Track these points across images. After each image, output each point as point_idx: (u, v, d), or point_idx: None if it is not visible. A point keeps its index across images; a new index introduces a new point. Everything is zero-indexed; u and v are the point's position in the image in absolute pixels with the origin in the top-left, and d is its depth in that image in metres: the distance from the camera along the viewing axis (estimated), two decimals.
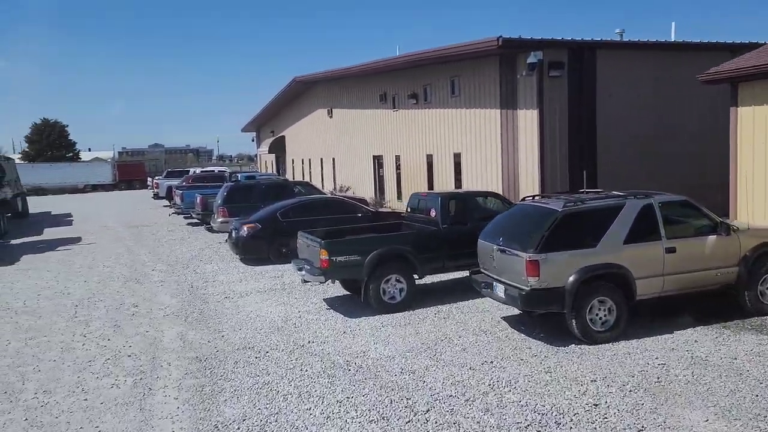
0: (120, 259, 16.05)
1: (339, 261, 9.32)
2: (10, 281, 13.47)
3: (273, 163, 50.12)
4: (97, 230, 22.86)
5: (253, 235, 14.46)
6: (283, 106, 43.83)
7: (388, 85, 25.20)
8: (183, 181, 31.73)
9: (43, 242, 20.05)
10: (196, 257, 15.96)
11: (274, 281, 12.55)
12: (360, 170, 29.31)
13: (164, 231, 21.89)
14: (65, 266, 15.09)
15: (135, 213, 29.95)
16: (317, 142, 36.42)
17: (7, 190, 24.22)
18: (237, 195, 18.23)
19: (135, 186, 60.61)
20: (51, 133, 79.77)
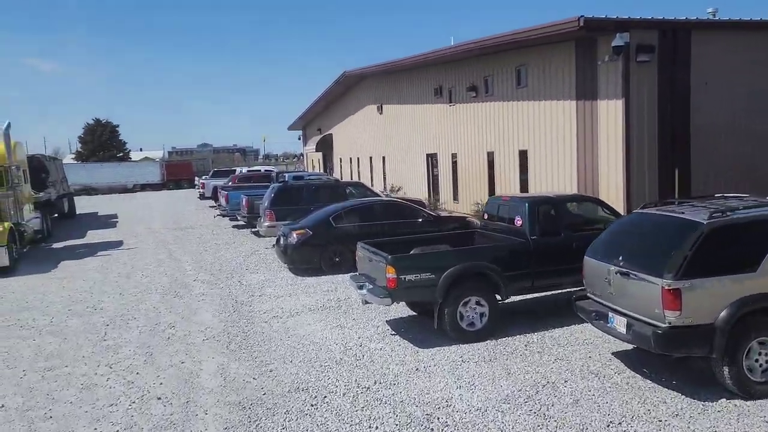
0: (161, 266, 14.88)
1: (409, 280, 7.74)
2: (42, 292, 12.39)
3: (320, 161, 49.00)
4: (140, 233, 21.93)
5: (303, 243, 13.03)
6: (330, 103, 42.60)
7: (444, 78, 23.52)
8: (229, 181, 30.78)
9: (85, 246, 19.16)
10: (242, 265, 14.65)
11: (327, 296, 11.07)
12: (412, 169, 27.71)
13: (209, 234, 20.77)
14: (102, 275, 13.99)
15: (180, 214, 29.11)
16: (366, 139, 35.00)
17: (51, 190, 23.58)
18: (285, 197, 16.89)
19: (183, 185, 60.54)
20: (102, 133, 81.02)
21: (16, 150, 17.54)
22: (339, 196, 17.14)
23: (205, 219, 26.01)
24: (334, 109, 42.68)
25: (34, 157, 23.17)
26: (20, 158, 18.21)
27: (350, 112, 38.17)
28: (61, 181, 28.14)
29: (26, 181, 18.67)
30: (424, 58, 23.22)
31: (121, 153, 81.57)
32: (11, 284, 13.32)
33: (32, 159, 22.49)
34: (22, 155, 18.80)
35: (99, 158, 74.05)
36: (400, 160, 29.29)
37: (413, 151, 27.40)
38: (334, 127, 43.23)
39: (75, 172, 56.61)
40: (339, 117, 41.41)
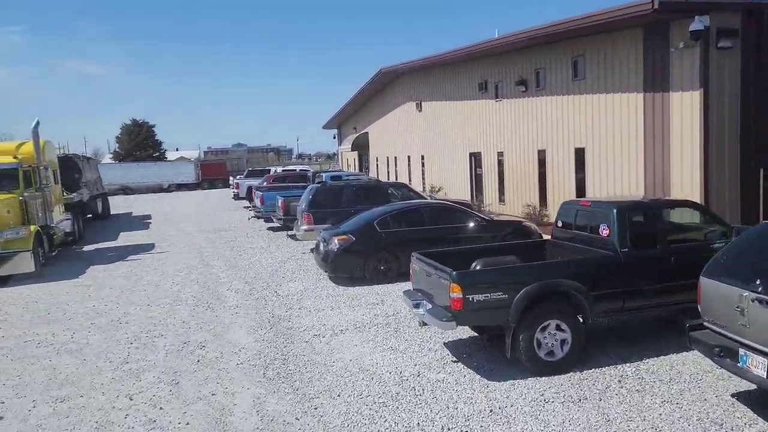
0: (193, 272, 13.94)
1: (477, 300, 6.51)
2: (66, 301, 11.54)
3: (355, 161, 48.02)
4: (173, 235, 21.15)
5: (345, 249, 11.91)
6: (367, 101, 41.56)
7: (489, 72, 22.18)
8: (263, 181, 29.94)
9: (115, 249, 18.42)
10: (278, 272, 13.62)
11: (373, 311, 9.92)
12: (453, 169, 26.43)
13: (243, 237, 19.86)
14: (130, 282, 13.10)
15: (214, 215, 28.37)
16: (404, 138, 33.82)
17: (84, 191, 22.99)
18: (324, 199, 15.80)
19: (217, 185, 60.28)
20: (139, 133, 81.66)
21: (46, 149, 16.87)
22: (381, 197, 15.99)
23: (239, 220, 25.17)
24: (370, 107, 41.62)
25: (66, 157, 22.63)
26: (50, 158, 17.55)
27: (387, 110, 37.04)
28: (95, 182, 27.67)
29: (57, 181, 18.02)
30: (468, 51, 21.92)
31: (157, 153, 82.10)
32: (35, 292, 12.52)
33: (65, 158, 21.93)
34: (53, 155, 18.16)
35: (135, 158, 74.55)
36: (441, 159, 28.03)
37: (455, 150, 26.12)
38: (370, 126, 42.17)
39: (112, 171, 56.89)
40: (375, 115, 40.33)
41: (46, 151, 16.91)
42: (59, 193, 18.36)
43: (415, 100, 31.01)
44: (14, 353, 8.46)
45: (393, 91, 35.25)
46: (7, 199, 14.49)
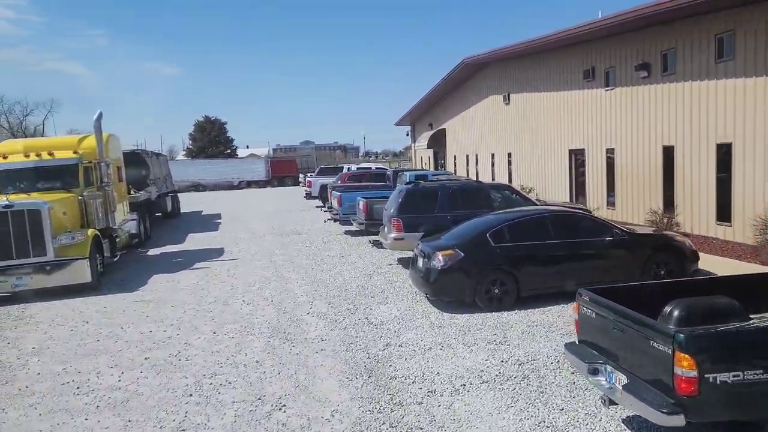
0: (266, 288, 11.98)
1: (724, 383, 4.06)
2: (120, 323, 9.75)
3: (430, 159, 45.64)
4: (243, 239, 19.43)
5: (451, 267, 9.59)
6: (445, 96, 39.12)
7: (598, 57, 19.34)
8: (338, 179, 28.05)
9: (182, 254, 16.79)
10: (365, 290, 11.47)
11: (498, 353, 7.56)
12: (547, 168, 23.66)
13: (319, 242, 17.88)
14: (195, 299, 11.24)
15: (286, 216, 26.65)
16: (487, 134, 31.19)
17: (152, 189, 21.66)
18: (416, 202, 13.53)
19: (287, 183, 59.35)
20: (211, 130, 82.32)
21: (110, 144, 15.37)
22: (482, 202, 13.59)
23: (312, 222, 23.30)
24: (448, 102, 39.15)
25: (133, 153, 21.35)
26: (115, 153, 16.08)
27: (468, 105, 34.47)
28: (165, 179, 26.49)
29: (121, 179, 16.55)
30: (573, 34, 19.14)
31: (228, 150, 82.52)
32: (89, 308, 10.84)
33: (131, 154, 20.62)
34: (118, 150, 16.70)
35: (207, 155, 74.93)
36: (531, 157, 25.28)
37: (550, 147, 23.34)
38: (448, 122, 39.70)
39: (184, 168, 56.88)
40: (454, 110, 37.83)
41: (110, 146, 15.42)
42: (124, 192, 16.90)
43: (502, 93, 28.34)
44: (45, 404, 6.59)
45: (475, 84, 32.67)
46: (65, 199, 12.98)
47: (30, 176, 13.54)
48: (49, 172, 13.64)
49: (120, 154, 17.03)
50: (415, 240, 13.17)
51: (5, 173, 13.47)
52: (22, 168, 13.44)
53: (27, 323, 10.01)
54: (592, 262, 9.98)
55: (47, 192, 13.24)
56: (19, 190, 13.34)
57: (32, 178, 13.53)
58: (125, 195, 17.04)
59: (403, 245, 13.45)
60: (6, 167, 13.45)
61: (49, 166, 13.58)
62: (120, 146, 17.22)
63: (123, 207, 16.36)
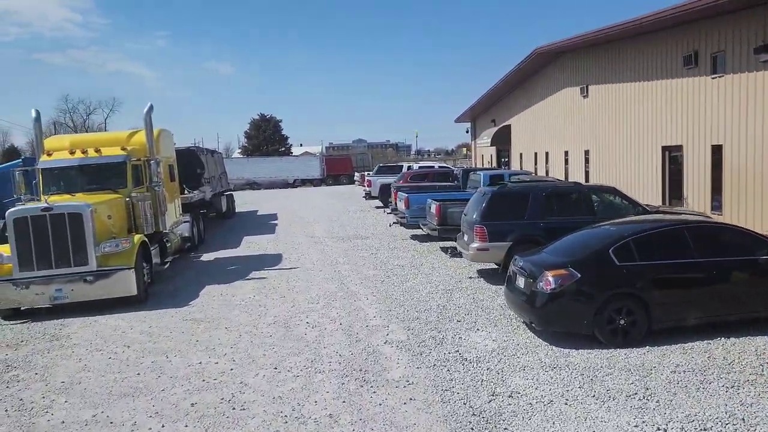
0: (331, 306, 10.35)
1: None
2: (165, 349, 8.29)
3: (492, 156, 43.41)
4: (302, 243, 17.94)
5: (565, 291, 7.71)
6: (511, 90, 36.88)
7: (702, 40, 16.93)
8: (399, 179, 26.34)
9: (237, 261, 15.41)
10: (447, 310, 9.71)
11: (648, 414, 5.67)
12: (633, 166, 21.27)
13: (385, 249, 16.20)
14: (252, 318, 9.71)
15: (345, 217, 25.13)
16: (560, 130, 28.87)
17: (207, 188, 20.45)
18: (504, 207, 11.66)
19: (342, 181, 58.17)
20: (267, 128, 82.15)
21: (161, 140, 14.09)
22: (582, 207, 11.63)
23: (375, 225, 21.67)
24: (514, 97, 36.90)
25: (188, 150, 20.17)
26: (167, 150, 14.80)
27: (538, 99, 32.18)
28: (220, 177, 25.37)
29: (173, 178, 15.27)
30: (671, 15, 16.78)
31: (283, 148, 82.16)
32: (132, 329, 9.45)
33: (185, 152, 19.44)
34: (169, 146, 15.42)
35: (263, 153, 74.61)
36: (614, 154, 22.91)
37: (638, 144, 20.96)
38: (513, 118, 37.44)
39: (239, 166, 56.42)
40: (521, 105, 35.57)
41: (162, 142, 14.13)
42: (176, 192, 15.63)
43: (579, 85, 26.00)
44: None
45: (547, 77, 30.37)
46: (110, 201, 11.70)
47: (75, 175, 12.34)
48: (95, 170, 12.40)
49: (172, 150, 15.77)
50: (501, 251, 11.38)
51: (49, 172, 12.31)
52: (66, 166, 12.24)
53: (62, 346, 8.68)
54: (745, 286, 7.93)
55: (93, 193, 12.00)
56: (63, 191, 12.17)
57: (77, 177, 12.32)
58: (178, 195, 15.78)
59: (488, 257, 11.64)
60: (49, 165, 12.28)
61: (95, 164, 12.33)
62: (173, 142, 15.97)
63: (175, 208, 15.08)
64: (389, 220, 21.33)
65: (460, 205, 14.76)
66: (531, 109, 33.57)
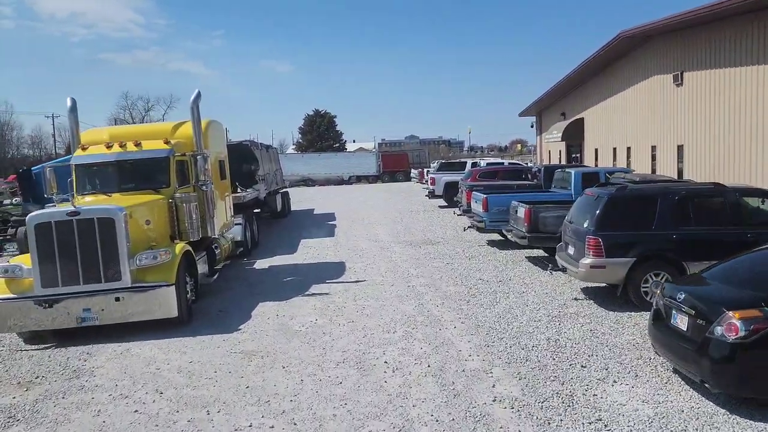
0: (413, 337, 8.30)
1: None
2: (209, 399, 6.40)
3: (561, 153, 40.52)
4: (366, 249, 15.97)
5: (760, 342, 5.43)
6: (584, 81, 34.04)
7: None
8: (467, 176, 24.07)
9: (294, 270, 13.57)
10: (562, 348, 7.54)
11: None
12: (746, 163, 18.40)
13: (462, 258, 14.07)
14: (316, 353, 7.76)
15: (409, 218, 23.07)
16: (646, 122, 25.97)
17: (261, 186, 18.74)
18: (625, 213, 9.33)
19: (398, 178, 56.26)
20: (321, 123, 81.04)
21: (210, 132, 12.36)
22: (727, 214, 9.20)
23: (443, 228, 19.53)
24: (588, 87, 34.03)
25: (240, 145, 18.48)
26: (216, 144, 13.06)
27: (617, 89, 29.29)
28: (275, 174, 23.71)
29: (224, 175, 13.52)
30: None
31: (337, 144, 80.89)
32: (168, 364, 7.62)
33: (237, 147, 17.76)
34: (220, 140, 13.69)
35: (317, 149, 73.42)
36: (716, 150, 20.02)
37: (749, 137, 18.09)
38: (587, 111, 34.55)
39: (294, 163, 55.23)
40: (597, 97, 32.68)
41: (211, 135, 12.39)
42: (228, 191, 13.90)
43: (672, 72, 23.12)
44: None
45: (630, 64, 27.48)
46: (150, 203, 9.97)
47: (111, 173, 10.68)
48: (134, 167, 10.72)
49: (223, 145, 14.04)
50: (621, 269, 9.11)
51: (82, 169, 10.69)
52: (101, 162, 10.59)
53: (81, 388, 6.93)
54: None
55: (131, 193, 10.33)
56: (99, 191, 10.55)
57: (114, 175, 10.66)
58: (229, 194, 14.04)
59: (603, 276, 9.36)
60: (82, 161, 10.65)
61: (134, 160, 10.64)
62: (224, 136, 14.25)
63: (225, 209, 13.34)
64: (460, 223, 19.14)
65: (554, 209, 12.51)
66: (610, 100, 30.69)
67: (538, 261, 13.17)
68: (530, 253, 14.03)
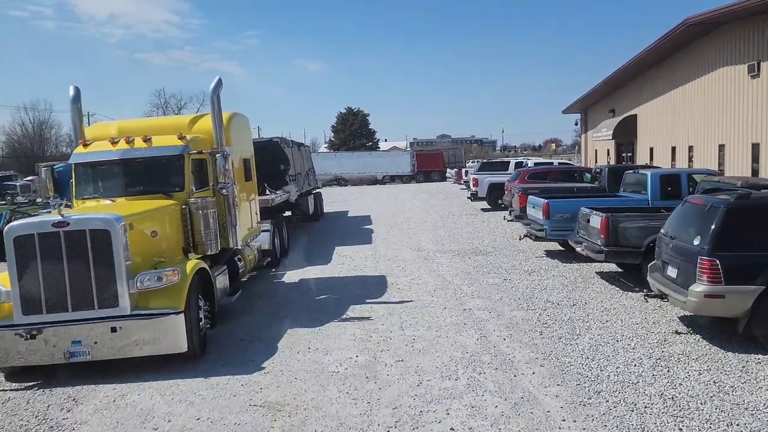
0: (482, 388, 6.47)
1: None
2: None
3: (609, 152, 38.05)
4: (408, 260, 14.17)
5: None
6: (635, 75, 31.67)
7: None
8: (514, 178, 22.06)
9: (328, 285, 11.84)
10: (679, 404, 5.68)
11: None
12: None
13: (519, 273, 12.17)
14: (358, 411, 5.98)
15: (452, 222, 21.18)
16: (714, 119, 23.59)
17: (292, 188, 17.06)
18: (750, 228, 7.35)
19: (433, 178, 54.29)
20: (354, 121, 79.54)
21: (233, 127, 10.69)
22: None
23: (491, 235, 17.59)
24: (642, 82, 31.61)
25: (270, 142, 16.82)
26: (241, 141, 11.40)
27: (678, 83, 26.89)
28: (307, 174, 22.03)
29: (249, 177, 11.85)
30: None
31: (370, 142, 79.27)
32: (171, 421, 5.93)
33: (266, 144, 16.13)
34: (245, 137, 12.01)
35: (349, 147, 71.88)
36: None
37: None
38: (641, 106, 32.14)
39: (326, 161, 53.67)
40: (652, 92, 30.28)
41: (234, 130, 10.72)
42: (254, 193, 12.25)
43: (745, 62, 20.76)
44: None
45: (694, 55, 25.09)
46: (157, 211, 8.33)
47: (117, 173, 9.10)
48: (144, 166, 9.12)
49: (249, 142, 12.38)
50: (746, 299, 7.18)
51: (82, 169, 9.11)
52: (104, 161, 8.99)
53: None
54: None
55: (138, 197, 8.74)
56: (102, 194, 8.98)
57: (120, 176, 9.08)
58: (256, 197, 12.40)
59: (723, 308, 7.38)
60: (82, 159, 9.06)
61: (142, 158, 9.02)
62: (249, 132, 12.59)
63: (251, 215, 11.69)
64: (509, 229, 17.21)
65: (636, 218, 10.53)
66: (668, 95, 28.28)
67: (614, 279, 11.21)
68: (600, 267, 12.07)
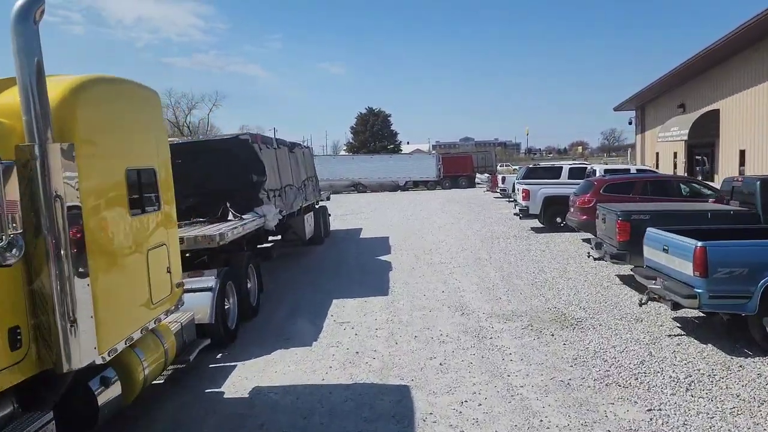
0: None
1: None
2: None
3: (679, 155, 31.86)
4: (447, 336, 8.44)
5: None
6: (713, 63, 25.64)
7: None
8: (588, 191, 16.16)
9: (305, 410, 6.23)
10: None
11: None
12: None
13: (610, 329, 6.46)
14: None
15: (500, 253, 15.35)
16: None
17: (270, 208, 11.32)
18: None
19: (461, 183, 48.72)
20: (375, 122, 74.34)
21: (91, 104, 5.16)
22: None
23: (564, 275, 11.84)
24: (727, 68, 25.51)
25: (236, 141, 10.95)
26: (122, 137, 5.84)
27: None
28: (304, 184, 16.35)
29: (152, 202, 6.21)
30: None
31: (391, 145, 73.87)
32: None
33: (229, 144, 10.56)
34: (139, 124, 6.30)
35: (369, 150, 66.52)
36: None
37: None
38: (724, 100, 26.00)
39: (343, 165, 48.42)
40: (741, 81, 24.13)
41: (96, 110, 5.19)
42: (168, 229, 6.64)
43: None
44: None
45: None
46: None
47: None
48: None
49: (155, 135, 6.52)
50: None
51: None
52: None
53: None
54: None
55: None
56: None
57: None
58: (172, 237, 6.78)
59: None
60: None
61: None
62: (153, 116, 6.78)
63: (154, 274, 6.07)
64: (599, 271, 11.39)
65: None
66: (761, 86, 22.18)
67: None
68: None
